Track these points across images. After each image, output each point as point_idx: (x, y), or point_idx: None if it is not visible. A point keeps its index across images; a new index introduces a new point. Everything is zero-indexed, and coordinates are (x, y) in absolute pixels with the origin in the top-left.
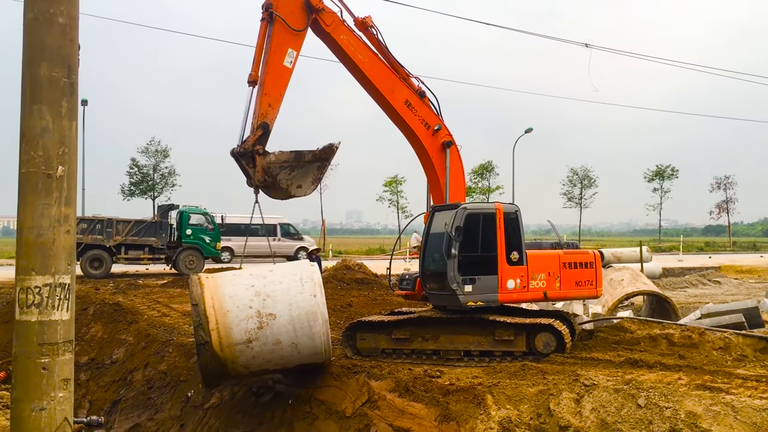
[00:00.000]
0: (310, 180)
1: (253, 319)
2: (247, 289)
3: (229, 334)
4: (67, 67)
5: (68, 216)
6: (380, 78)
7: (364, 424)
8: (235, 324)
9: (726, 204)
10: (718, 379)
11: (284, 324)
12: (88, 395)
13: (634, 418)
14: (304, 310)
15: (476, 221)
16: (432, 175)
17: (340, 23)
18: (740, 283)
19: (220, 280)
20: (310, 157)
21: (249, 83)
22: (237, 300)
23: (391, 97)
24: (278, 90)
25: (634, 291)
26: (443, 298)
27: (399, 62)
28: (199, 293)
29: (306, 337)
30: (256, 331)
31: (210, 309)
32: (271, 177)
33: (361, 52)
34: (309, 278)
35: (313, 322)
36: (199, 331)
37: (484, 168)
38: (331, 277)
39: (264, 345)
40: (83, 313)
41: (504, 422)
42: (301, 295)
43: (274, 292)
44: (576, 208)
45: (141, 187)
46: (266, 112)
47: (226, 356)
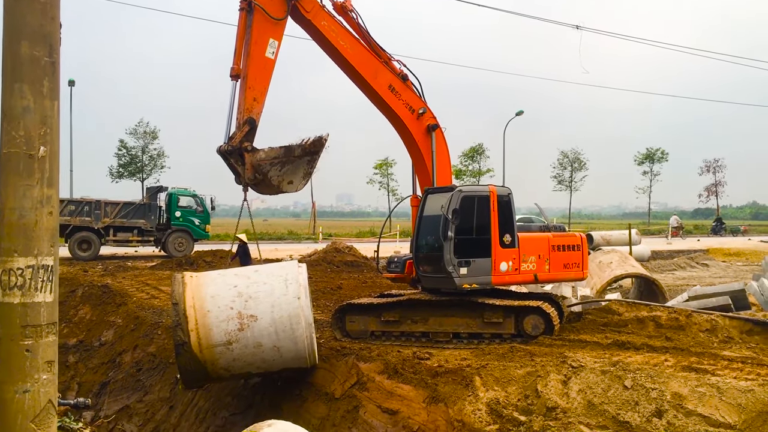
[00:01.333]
0: (301, 175)
1: (234, 320)
2: (230, 290)
3: (209, 335)
4: (48, 46)
5: (51, 197)
6: (363, 63)
7: (353, 405)
8: (215, 325)
9: (715, 187)
10: (704, 361)
11: (266, 326)
12: (77, 377)
13: (621, 400)
14: (286, 312)
15: (471, 204)
16: (418, 158)
17: (320, 9)
18: (728, 265)
19: (204, 279)
20: (300, 152)
21: (231, 77)
22: (218, 300)
23: (374, 82)
24: (262, 83)
25: (623, 274)
26: (438, 280)
27: (380, 46)
28: (180, 292)
29: (288, 341)
30: (236, 333)
31: (190, 309)
32: (261, 174)
33: (342, 37)
34: (294, 280)
35: (296, 326)
36: (177, 331)
37: (474, 151)
38: (320, 260)
39: (245, 347)
40: (72, 295)
41: (492, 403)
42: (284, 297)
43: (257, 293)
44: (566, 191)
45: (129, 169)
46: (251, 106)
47: (205, 358)
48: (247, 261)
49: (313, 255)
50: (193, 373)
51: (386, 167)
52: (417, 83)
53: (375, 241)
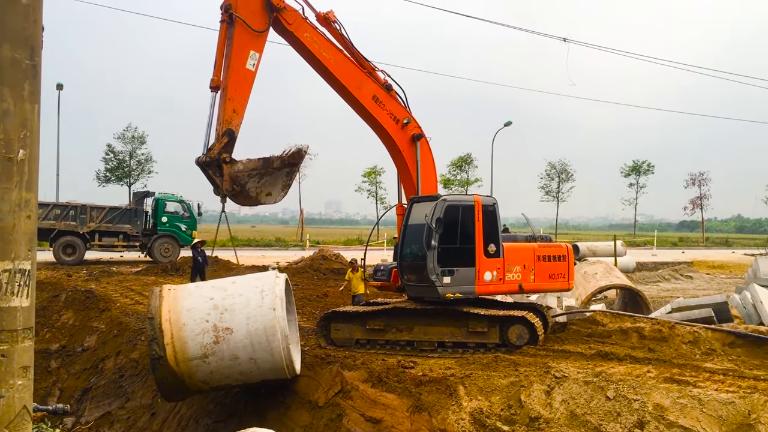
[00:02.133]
0: (279, 187)
1: (209, 333)
2: (206, 302)
3: (185, 349)
4: (29, 49)
5: (29, 201)
6: (346, 75)
7: (337, 414)
8: (191, 338)
9: (700, 200)
10: (686, 373)
11: (241, 338)
12: (59, 383)
13: (603, 410)
14: (262, 324)
15: (455, 213)
16: (403, 168)
17: (303, 21)
18: (712, 278)
19: (181, 292)
20: (279, 164)
21: (211, 89)
22: (194, 313)
23: (358, 93)
24: (242, 94)
25: (607, 285)
26: (421, 289)
27: (364, 56)
28: (157, 306)
29: (264, 353)
30: (212, 346)
31: (166, 323)
32: (239, 185)
33: (325, 49)
34: (270, 291)
35: (271, 337)
36: (153, 346)
37: (462, 160)
38: (307, 267)
39: (221, 360)
40: (55, 299)
41: (475, 413)
42: (259, 309)
43: (233, 305)
44: (553, 202)
45: (117, 174)
46: (231, 118)
47: (182, 371)
48: (202, 267)
49: (300, 262)
50: (171, 387)
51: (375, 175)
52: (402, 93)
53: (362, 249)
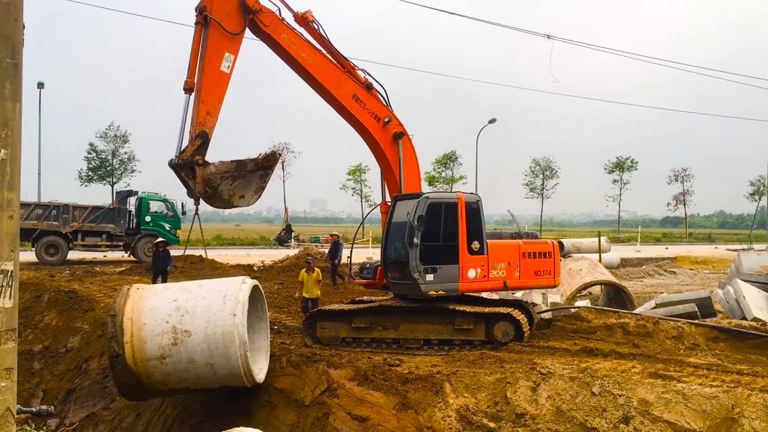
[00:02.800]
0: (252, 189)
1: (168, 334)
2: (169, 303)
3: (143, 349)
4: (10, 47)
5: (11, 201)
6: (325, 74)
7: (323, 412)
8: (150, 338)
9: (683, 196)
10: (670, 368)
11: (199, 342)
12: (42, 384)
13: (589, 406)
14: (220, 329)
15: (438, 211)
16: (386, 166)
17: (280, 22)
18: (695, 273)
19: (148, 291)
20: (252, 166)
21: (185, 90)
22: (156, 314)
23: (338, 93)
24: (216, 97)
25: (592, 281)
26: (404, 287)
27: (343, 55)
28: (121, 304)
29: (221, 358)
30: (170, 348)
31: (127, 321)
32: (212, 188)
33: (303, 50)
34: (233, 296)
35: (229, 343)
36: (112, 343)
37: (447, 158)
38: (293, 266)
39: (178, 362)
40: (37, 300)
41: (462, 410)
42: (220, 314)
43: (194, 308)
44: (538, 199)
45: (99, 173)
46: (204, 120)
47: (140, 371)
48: (164, 267)
49: (285, 260)
50: (129, 386)
51: (359, 173)
52: (383, 91)
53: (348, 247)
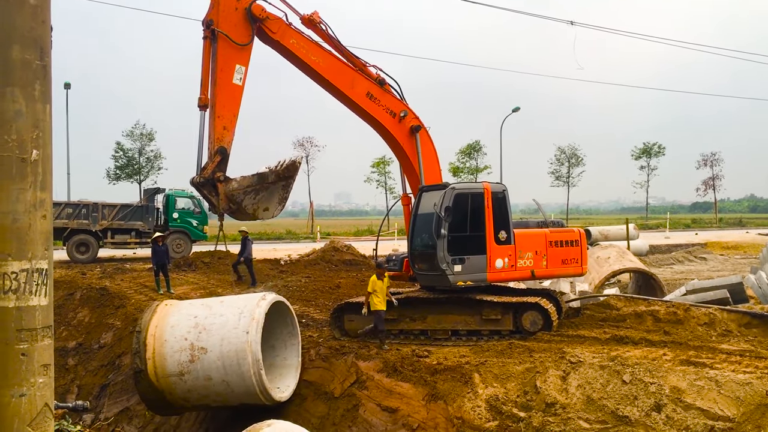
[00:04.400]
0: (276, 201)
1: (186, 351)
2: (189, 320)
3: (164, 365)
4: (39, 50)
5: (44, 201)
6: (338, 75)
7: (353, 404)
8: (170, 355)
9: (712, 181)
10: (702, 355)
11: (214, 360)
12: (77, 380)
13: (620, 394)
14: (234, 346)
15: (465, 201)
16: (404, 160)
17: (287, 28)
18: (726, 259)
19: (173, 308)
20: (274, 178)
21: (200, 107)
22: (176, 330)
23: (351, 92)
24: (231, 111)
25: (621, 269)
26: (432, 278)
27: (353, 53)
28: (147, 320)
29: (236, 376)
30: (188, 365)
31: (150, 337)
32: (236, 203)
33: (313, 53)
34: (249, 313)
35: (242, 361)
36: (136, 359)
37: (471, 148)
38: (319, 259)
39: (196, 379)
40: (70, 298)
41: (491, 400)
42: (234, 331)
43: (212, 324)
44: (564, 187)
45: (127, 171)
46: (222, 135)
47: (162, 387)
48: (164, 262)
49: (311, 254)
50: (154, 402)
51: (383, 166)
52: (396, 86)
53: (373, 240)
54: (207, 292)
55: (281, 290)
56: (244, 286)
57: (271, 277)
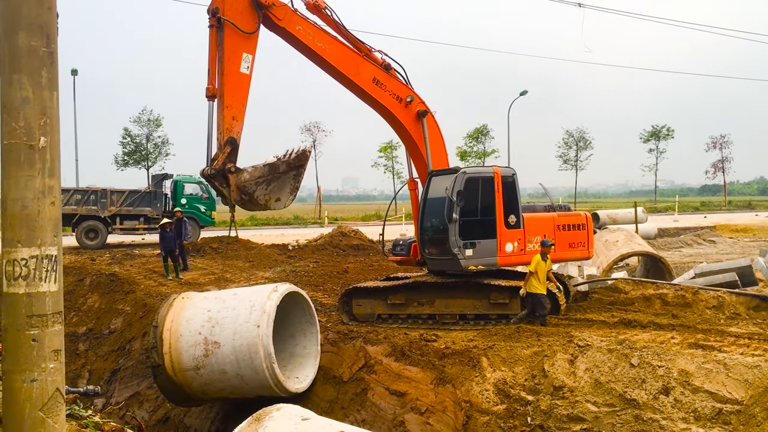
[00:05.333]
0: (288, 191)
1: (200, 345)
2: (203, 314)
3: (180, 359)
4: (45, 36)
5: (52, 187)
6: (344, 61)
7: (362, 388)
8: (185, 350)
9: (722, 163)
10: (710, 338)
11: (227, 354)
12: (88, 365)
13: (628, 377)
14: (246, 340)
15: (475, 185)
16: (411, 145)
17: (293, 14)
18: (735, 242)
19: (189, 301)
20: (285, 168)
21: (208, 98)
22: (191, 324)
23: (357, 78)
24: (240, 100)
25: (629, 252)
26: (443, 262)
27: (358, 39)
28: (163, 315)
29: (249, 370)
30: (203, 359)
31: (166, 332)
32: (248, 194)
33: (319, 39)
34: (260, 306)
35: (254, 355)
36: (153, 354)
37: (479, 132)
38: (327, 244)
39: (212, 373)
40: (80, 284)
41: (499, 384)
42: (246, 325)
43: (224, 318)
44: (572, 170)
45: (134, 157)
46: (231, 126)
47: (180, 380)
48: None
49: (319, 239)
50: (173, 394)
51: (391, 150)
52: (401, 70)
53: (381, 224)
54: (215, 277)
55: (289, 275)
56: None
57: (279, 262)
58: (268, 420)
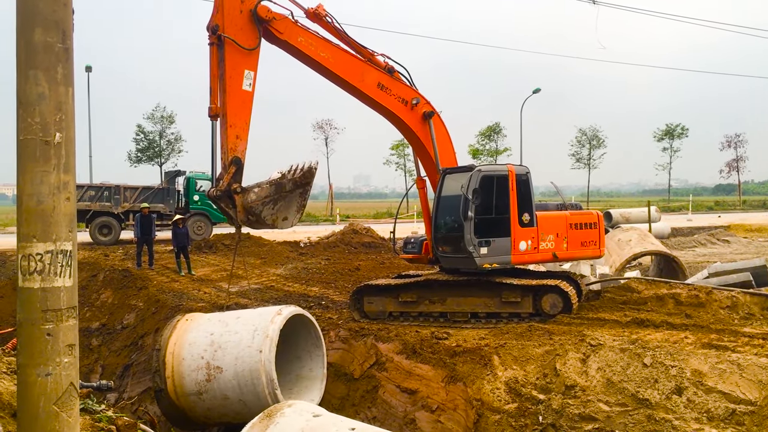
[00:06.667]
0: (294, 209)
1: (202, 370)
2: (206, 337)
3: (183, 384)
4: (61, 32)
5: (68, 183)
6: (348, 69)
7: (372, 385)
8: (187, 374)
9: (736, 162)
10: (724, 338)
11: (229, 379)
12: (101, 360)
13: (640, 377)
14: (248, 366)
15: (490, 183)
16: (418, 146)
17: (294, 26)
18: (749, 241)
19: (192, 323)
20: (291, 186)
21: (210, 117)
22: (194, 348)
23: (362, 85)
24: (243, 119)
25: (642, 251)
26: (458, 260)
27: (360, 44)
28: (166, 337)
29: (252, 395)
30: (205, 384)
31: (169, 355)
32: (255, 215)
33: (322, 49)
34: (262, 331)
35: (256, 381)
36: (156, 378)
37: (491, 130)
38: (338, 241)
39: (214, 399)
40: (93, 279)
41: (511, 382)
42: (248, 349)
43: (227, 342)
44: (584, 169)
45: (147, 154)
46: (235, 145)
47: (183, 405)
48: (184, 245)
49: (331, 237)
50: (177, 419)
51: (402, 148)
52: (405, 72)
53: (392, 222)
54: (227, 273)
55: (301, 272)
56: None
57: (291, 259)
58: (279, 416)
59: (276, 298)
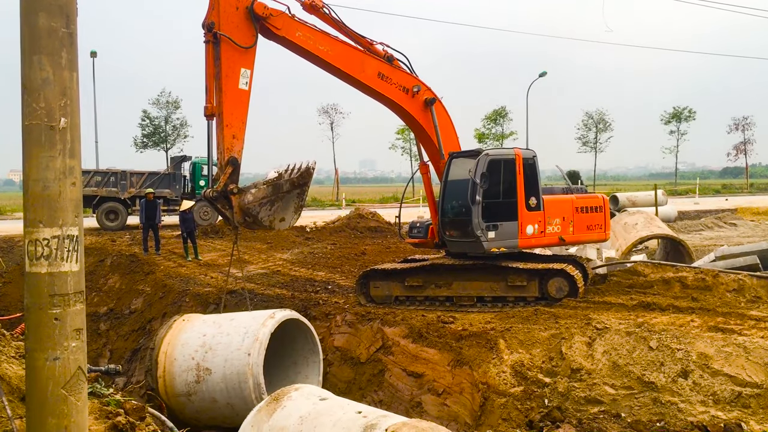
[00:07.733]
0: (292, 210)
1: (192, 371)
2: (198, 338)
3: (173, 384)
4: (65, 17)
5: (73, 168)
6: (347, 61)
7: (379, 369)
8: (178, 374)
9: (744, 145)
10: (730, 321)
11: (218, 381)
12: (109, 344)
13: (646, 360)
14: (236, 369)
15: (497, 167)
16: (421, 133)
17: (291, 20)
18: (756, 225)
19: (188, 324)
20: (288, 187)
21: (206, 117)
22: (186, 348)
23: (362, 75)
24: (240, 118)
25: (648, 235)
26: (465, 245)
27: (358, 33)
28: (161, 337)
29: (238, 399)
30: (194, 385)
31: (162, 355)
32: (252, 216)
33: (321, 42)
34: (253, 334)
35: (243, 384)
36: (148, 377)
37: (497, 114)
38: (344, 226)
39: (203, 401)
40: (101, 264)
41: (516, 366)
42: (237, 352)
43: (218, 344)
44: (591, 153)
45: (153, 139)
46: (232, 145)
47: (173, 406)
48: (192, 232)
49: (336, 221)
50: (170, 419)
51: (408, 132)
52: (405, 59)
53: (398, 207)
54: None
55: (307, 257)
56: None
57: (297, 244)
58: (286, 400)
59: (282, 282)
